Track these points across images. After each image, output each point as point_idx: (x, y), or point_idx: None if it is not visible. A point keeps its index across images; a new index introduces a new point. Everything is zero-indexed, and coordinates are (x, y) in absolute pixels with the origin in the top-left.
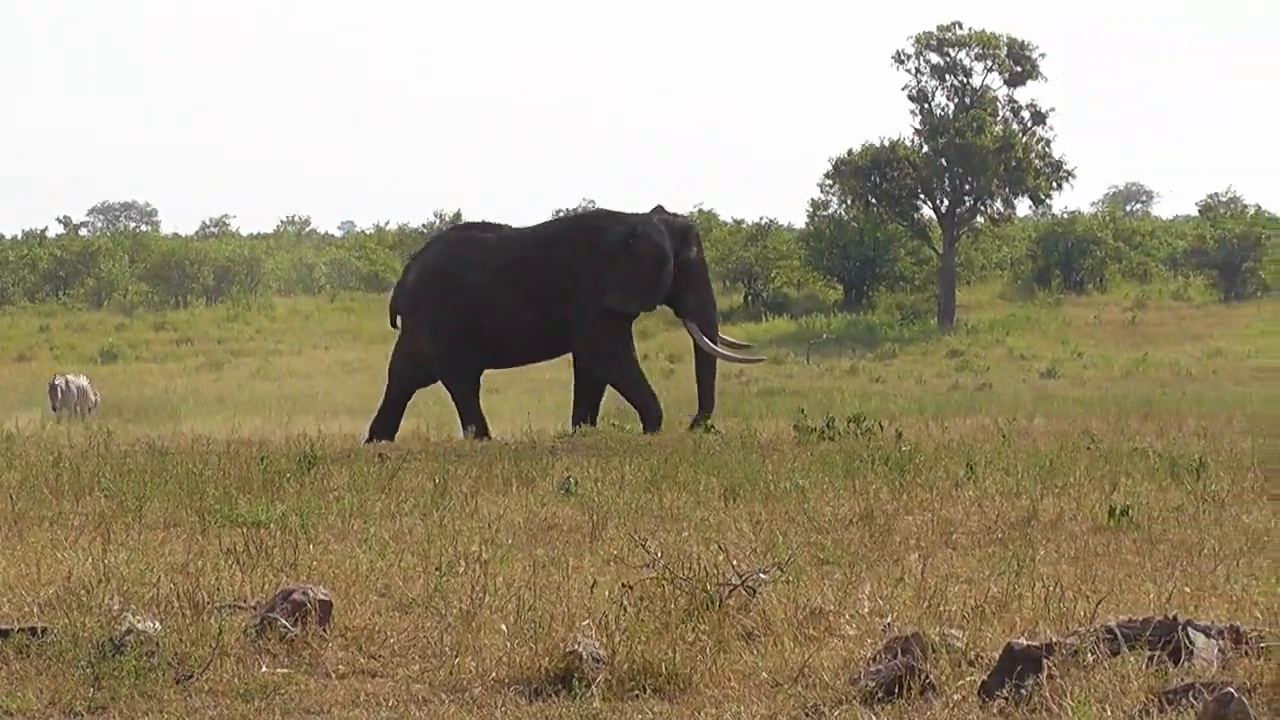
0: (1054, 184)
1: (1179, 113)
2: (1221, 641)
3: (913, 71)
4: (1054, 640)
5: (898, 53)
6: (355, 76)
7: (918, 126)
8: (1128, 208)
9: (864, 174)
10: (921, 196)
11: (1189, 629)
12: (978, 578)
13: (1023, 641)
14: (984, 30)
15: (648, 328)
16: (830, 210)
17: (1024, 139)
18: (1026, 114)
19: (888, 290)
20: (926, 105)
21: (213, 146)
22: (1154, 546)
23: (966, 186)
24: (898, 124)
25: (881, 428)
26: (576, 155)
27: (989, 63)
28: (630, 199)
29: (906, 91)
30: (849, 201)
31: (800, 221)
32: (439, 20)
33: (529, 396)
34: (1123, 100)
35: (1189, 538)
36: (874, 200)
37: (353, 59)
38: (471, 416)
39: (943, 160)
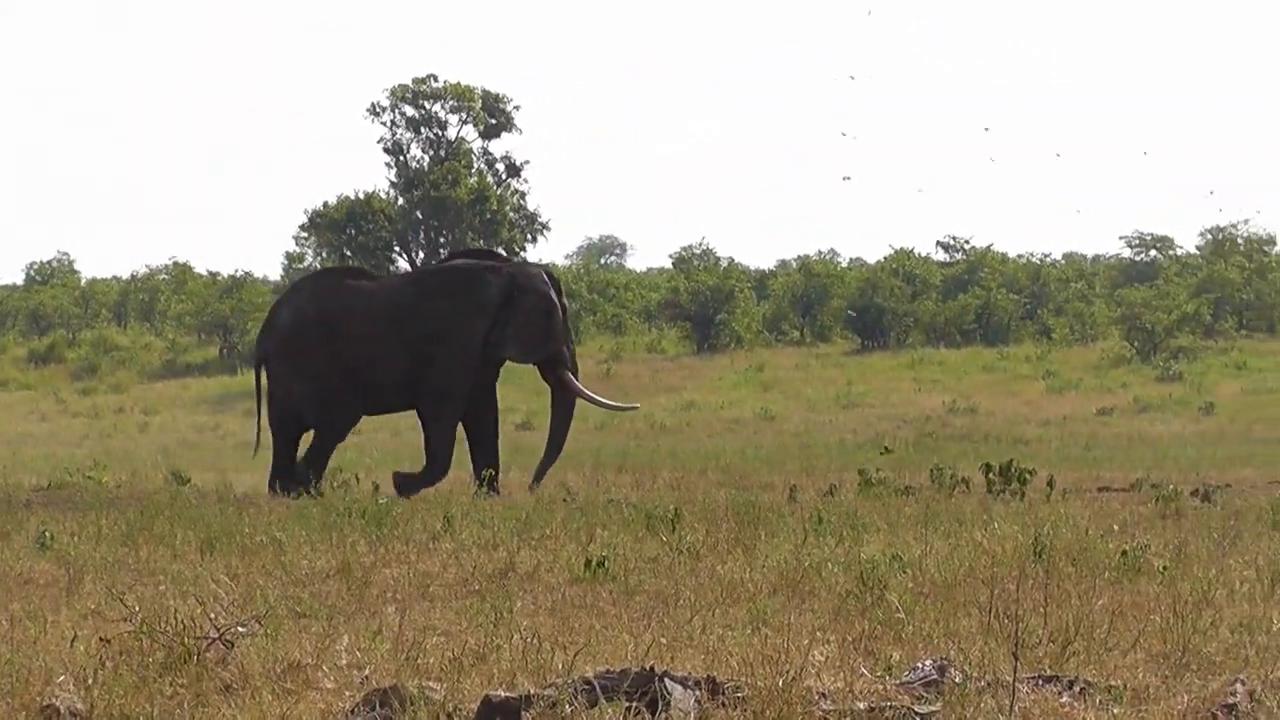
0: (529, 236)
1: (651, 166)
2: (698, 692)
3: (388, 124)
4: (532, 692)
5: (373, 105)
6: None
7: (393, 179)
8: (602, 260)
9: (339, 227)
10: (397, 249)
11: (666, 680)
12: (455, 630)
13: (501, 693)
14: (459, 83)
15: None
16: (306, 263)
17: (499, 191)
18: (501, 166)
19: None
20: (402, 158)
21: None
22: (630, 597)
23: (442, 239)
24: (373, 176)
25: (358, 480)
26: (49, 206)
27: (464, 115)
28: (110, 252)
29: (382, 144)
30: (324, 254)
31: (276, 274)
32: None
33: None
34: (596, 152)
35: (665, 588)
36: (349, 253)
37: None
38: (318, 463)
39: (418, 213)
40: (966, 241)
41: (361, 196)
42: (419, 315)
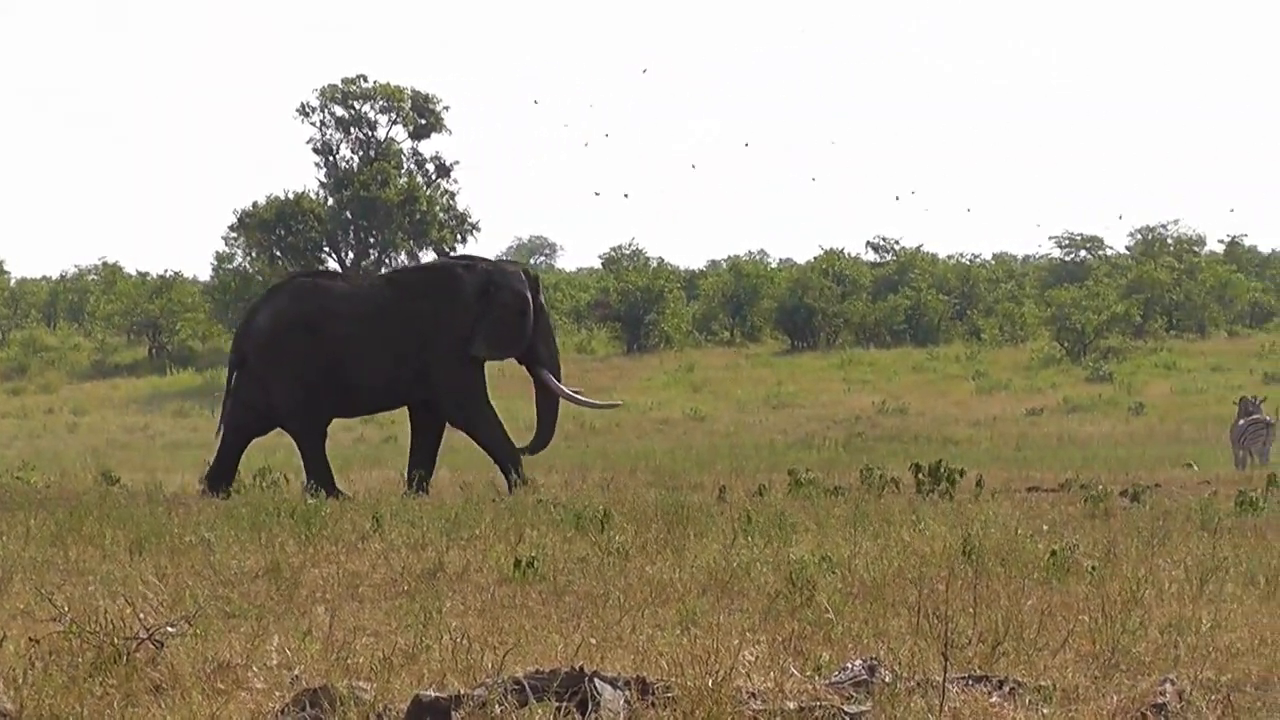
0: (458, 236)
1: (580, 167)
2: (628, 692)
3: (317, 124)
4: (462, 692)
5: (302, 105)
6: None
7: (322, 179)
8: (533, 260)
9: (269, 227)
10: (327, 249)
11: (596, 680)
12: (385, 630)
13: (431, 693)
14: (389, 83)
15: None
16: (235, 263)
17: (428, 191)
18: (431, 167)
19: None
20: (331, 158)
21: None
22: (560, 598)
23: (371, 239)
24: (303, 176)
25: (288, 481)
26: None
27: (394, 115)
28: (40, 252)
29: (311, 144)
30: (254, 254)
31: (205, 274)
32: None
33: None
34: (526, 153)
35: (594, 589)
36: (279, 253)
37: None
38: (318, 469)
39: (347, 213)
40: (896, 242)
41: (291, 197)
42: (399, 316)
